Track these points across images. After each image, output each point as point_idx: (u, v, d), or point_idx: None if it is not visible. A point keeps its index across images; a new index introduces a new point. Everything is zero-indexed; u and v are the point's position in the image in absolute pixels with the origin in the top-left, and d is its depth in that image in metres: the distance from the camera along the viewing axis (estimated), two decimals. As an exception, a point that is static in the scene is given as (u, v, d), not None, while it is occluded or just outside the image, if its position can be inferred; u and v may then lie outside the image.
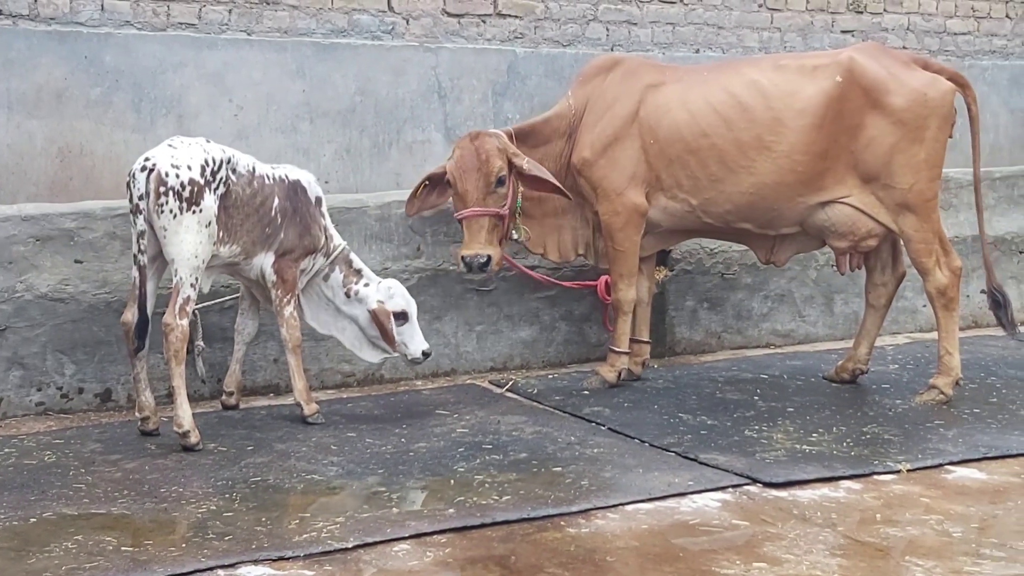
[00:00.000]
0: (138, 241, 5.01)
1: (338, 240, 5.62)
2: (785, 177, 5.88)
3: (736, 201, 5.96)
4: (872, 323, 6.32)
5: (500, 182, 5.85)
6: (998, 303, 6.20)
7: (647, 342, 6.44)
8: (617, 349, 6.17)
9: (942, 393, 5.91)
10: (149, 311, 5.10)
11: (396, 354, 5.67)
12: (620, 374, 6.19)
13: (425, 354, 5.63)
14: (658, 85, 6.05)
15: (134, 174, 5.00)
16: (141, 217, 4.98)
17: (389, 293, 5.57)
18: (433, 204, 6.15)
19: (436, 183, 6.06)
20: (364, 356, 5.76)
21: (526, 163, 5.88)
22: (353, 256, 5.66)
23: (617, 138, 5.94)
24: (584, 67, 6.35)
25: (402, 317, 5.57)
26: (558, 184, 5.92)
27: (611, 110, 6.01)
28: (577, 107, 6.11)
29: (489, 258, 5.86)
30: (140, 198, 4.96)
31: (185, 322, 5.00)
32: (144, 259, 5.02)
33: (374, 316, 5.52)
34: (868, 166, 5.89)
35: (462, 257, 5.88)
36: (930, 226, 5.94)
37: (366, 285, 5.58)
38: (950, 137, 6.04)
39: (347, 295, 5.60)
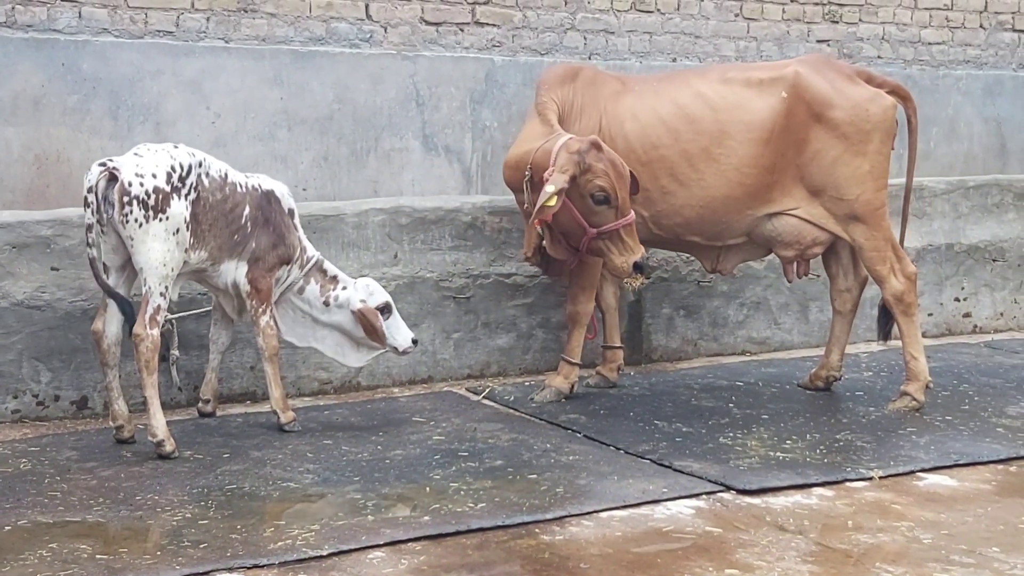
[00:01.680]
0: (87, 235, 4.96)
1: (311, 251, 5.62)
2: (734, 191, 5.94)
3: (687, 215, 6.00)
4: (841, 329, 6.37)
5: None
6: (888, 314, 6.23)
7: (620, 347, 6.47)
8: (571, 360, 6.14)
9: (914, 399, 5.97)
10: (113, 311, 5.09)
11: (385, 350, 5.66)
12: (573, 385, 6.16)
13: (415, 342, 5.65)
14: (616, 95, 6.07)
15: (91, 168, 4.99)
16: (89, 211, 4.94)
17: (369, 290, 5.58)
18: (550, 215, 5.55)
19: (560, 195, 5.50)
20: (348, 362, 5.76)
21: None
22: (326, 264, 5.66)
23: None
24: (544, 76, 6.23)
25: (387, 311, 5.59)
26: (634, 171, 5.74)
27: (579, 121, 6.02)
28: (558, 110, 6.02)
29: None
30: (89, 191, 4.94)
31: (156, 332, 4.99)
32: (94, 252, 4.96)
33: (361, 317, 5.52)
34: (813, 179, 5.97)
35: (636, 264, 5.56)
36: (881, 234, 6.00)
37: (344, 288, 5.60)
38: (891, 149, 6.11)
39: (326, 304, 5.60)
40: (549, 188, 5.42)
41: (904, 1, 8.45)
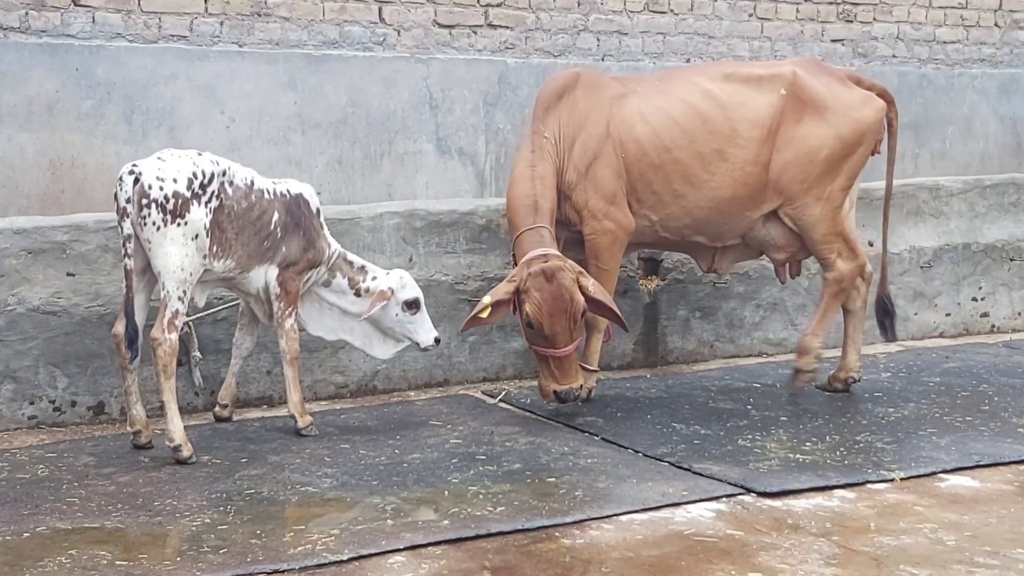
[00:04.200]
0: (124, 245, 4.99)
1: (335, 246, 5.62)
2: (739, 190, 5.98)
3: (696, 216, 6.01)
4: (854, 328, 6.37)
5: (583, 313, 5.65)
6: (886, 311, 6.44)
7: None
8: (590, 368, 6.12)
9: (803, 370, 6.11)
10: (139, 320, 5.09)
11: (409, 344, 5.71)
12: (591, 391, 6.12)
13: (437, 340, 5.70)
14: (620, 98, 6.01)
15: (122, 177, 4.99)
16: (127, 222, 4.96)
17: (402, 283, 5.62)
18: (488, 324, 5.78)
19: (497, 307, 5.61)
20: (376, 353, 5.79)
21: (591, 286, 5.65)
22: (351, 256, 5.66)
23: (596, 156, 5.89)
24: (541, 91, 6.10)
25: (415, 306, 5.63)
26: (616, 311, 5.73)
27: (584, 129, 5.93)
28: (554, 136, 5.93)
29: (581, 386, 5.78)
30: (127, 201, 4.95)
31: (174, 336, 4.98)
32: (131, 263, 4.99)
33: (376, 296, 5.55)
34: (802, 176, 6.00)
35: (555, 392, 5.63)
36: (834, 229, 6.07)
37: (375, 278, 5.61)
38: (876, 153, 6.23)
39: (357, 294, 5.61)
40: (486, 299, 5.55)
41: (919, 0, 8.42)
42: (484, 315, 5.58)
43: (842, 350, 6.45)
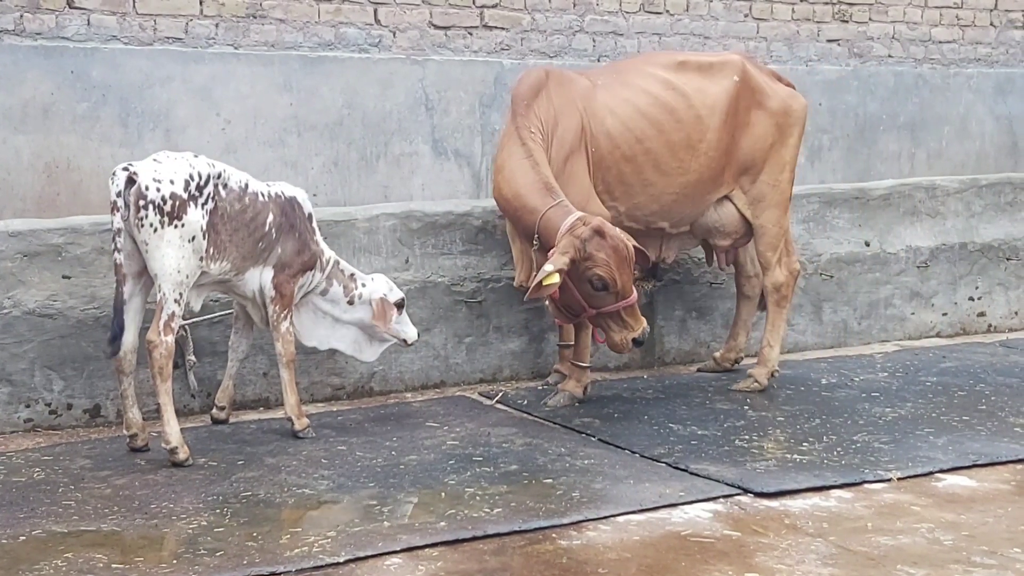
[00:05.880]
0: (114, 239, 4.98)
1: (328, 253, 5.62)
2: (703, 174, 6.14)
3: (663, 202, 6.12)
4: (748, 312, 6.69)
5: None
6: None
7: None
8: (581, 364, 6.10)
9: (757, 382, 6.31)
10: (136, 324, 5.08)
11: (395, 342, 5.75)
12: (586, 388, 6.11)
13: (417, 335, 5.82)
14: (589, 92, 6.04)
15: (115, 172, 4.98)
16: (118, 216, 4.95)
17: (389, 286, 5.68)
18: (547, 294, 5.52)
19: (559, 276, 5.51)
20: (365, 357, 5.83)
21: (620, 231, 5.68)
22: (343, 264, 5.68)
23: (573, 150, 5.91)
24: (517, 89, 5.99)
25: (402, 306, 5.70)
26: (642, 248, 5.82)
27: (560, 124, 5.92)
28: (539, 131, 5.87)
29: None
30: (118, 195, 4.93)
31: (170, 339, 4.97)
32: (120, 257, 4.98)
33: (380, 304, 5.61)
34: (755, 162, 6.24)
35: (634, 340, 5.61)
36: (784, 224, 6.33)
37: (363, 285, 5.66)
38: None
39: (350, 302, 5.64)
40: (548, 267, 5.41)
41: (914, 0, 8.43)
42: (550, 282, 5.41)
43: (731, 331, 6.74)
